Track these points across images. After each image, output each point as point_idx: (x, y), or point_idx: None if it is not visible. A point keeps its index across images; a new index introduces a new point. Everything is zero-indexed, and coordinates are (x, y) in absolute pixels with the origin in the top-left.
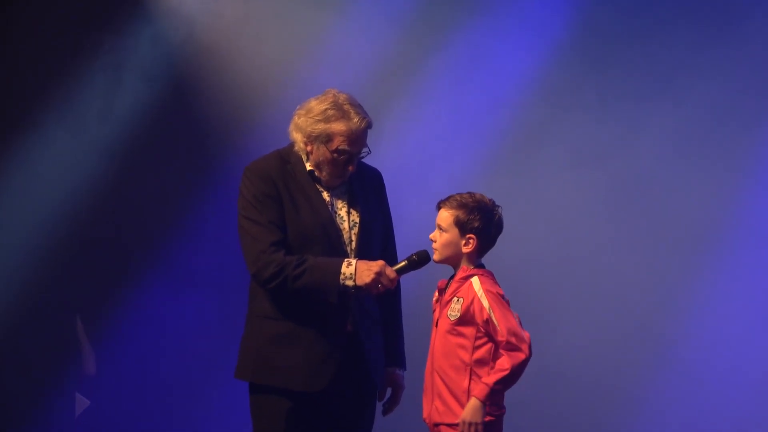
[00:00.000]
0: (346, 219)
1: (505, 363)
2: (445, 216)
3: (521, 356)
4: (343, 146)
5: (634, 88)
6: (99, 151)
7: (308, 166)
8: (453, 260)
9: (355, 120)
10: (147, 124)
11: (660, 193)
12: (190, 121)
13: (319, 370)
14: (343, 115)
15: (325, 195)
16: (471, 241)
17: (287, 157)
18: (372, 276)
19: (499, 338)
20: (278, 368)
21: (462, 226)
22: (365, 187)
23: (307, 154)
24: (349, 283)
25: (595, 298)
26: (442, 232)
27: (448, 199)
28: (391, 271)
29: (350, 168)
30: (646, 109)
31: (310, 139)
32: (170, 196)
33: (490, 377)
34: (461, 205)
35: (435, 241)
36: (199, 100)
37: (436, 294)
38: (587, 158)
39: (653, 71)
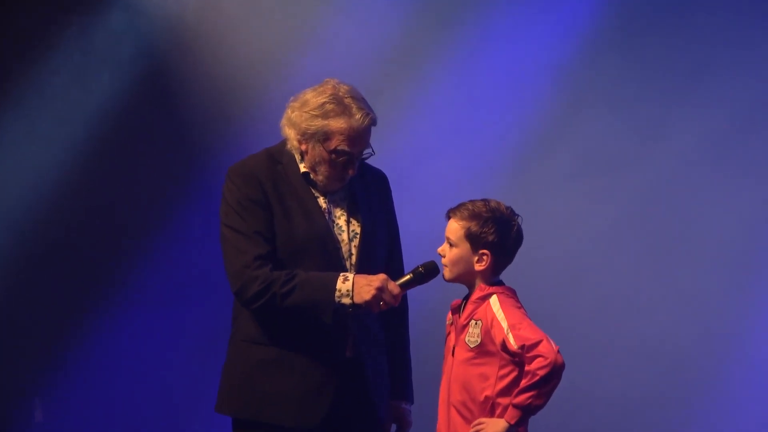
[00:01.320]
0: (346, 229)
1: (527, 374)
2: (455, 228)
3: (541, 361)
4: (343, 146)
5: (657, 86)
6: (65, 149)
7: (302, 168)
8: (466, 278)
9: (358, 116)
10: (119, 118)
11: (685, 204)
12: (168, 114)
13: (314, 403)
14: (343, 111)
15: (322, 201)
16: (485, 257)
17: (278, 157)
18: (372, 292)
19: (516, 350)
20: (265, 400)
21: (474, 240)
22: (368, 192)
23: (302, 153)
24: (346, 300)
25: (612, 317)
26: (452, 246)
27: (458, 207)
28: (394, 286)
29: (350, 171)
30: (670, 110)
31: (305, 136)
32: (145, 201)
33: (515, 397)
34: (474, 216)
35: (444, 257)
36: (179, 90)
37: (450, 315)
38: (605, 162)
39: (680, 67)
